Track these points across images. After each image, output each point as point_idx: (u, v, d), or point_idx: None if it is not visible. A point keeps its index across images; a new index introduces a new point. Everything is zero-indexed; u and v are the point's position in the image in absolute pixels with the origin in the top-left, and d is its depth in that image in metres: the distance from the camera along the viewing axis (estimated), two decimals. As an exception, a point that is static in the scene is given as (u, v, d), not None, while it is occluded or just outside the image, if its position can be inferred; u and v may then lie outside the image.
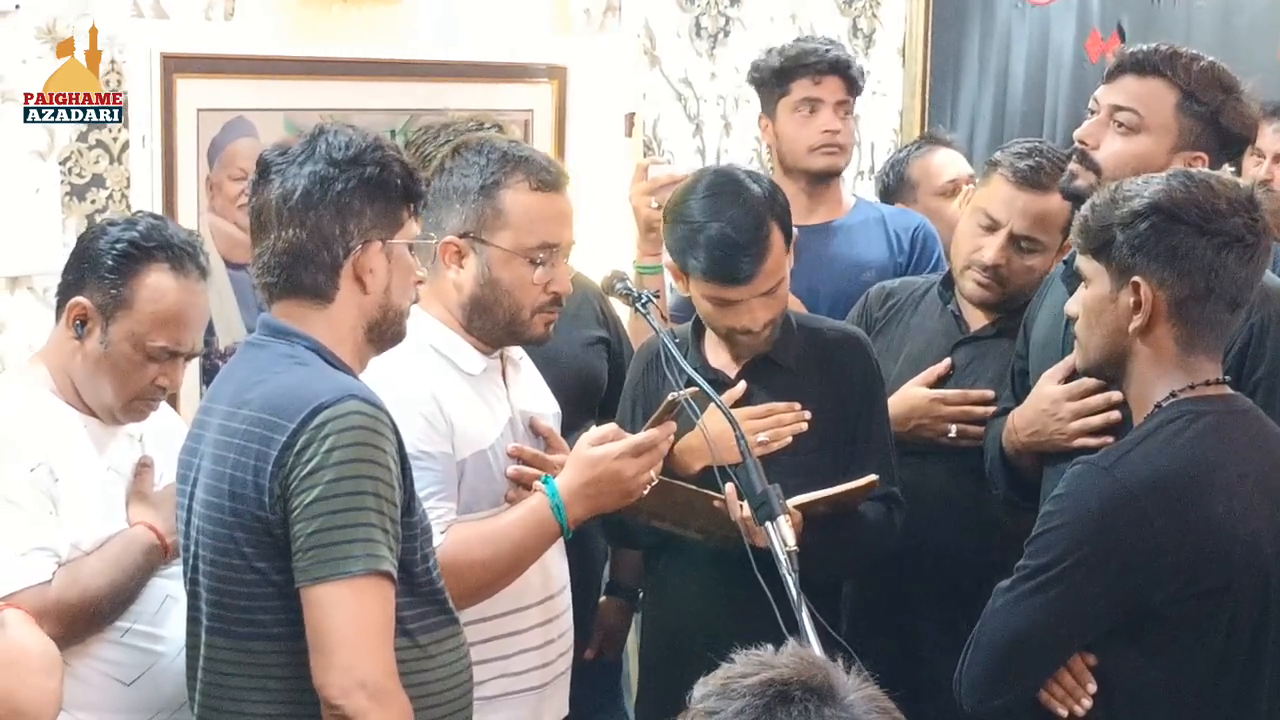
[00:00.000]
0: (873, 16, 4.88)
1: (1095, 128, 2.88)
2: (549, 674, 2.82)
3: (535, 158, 2.76)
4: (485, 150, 2.74)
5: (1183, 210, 2.38)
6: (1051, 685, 2.45)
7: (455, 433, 2.66)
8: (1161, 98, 2.84)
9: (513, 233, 2.70)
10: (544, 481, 2.68)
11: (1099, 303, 2.46)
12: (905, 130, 4.95)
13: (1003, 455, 2.96)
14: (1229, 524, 2.35)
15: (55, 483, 2.54)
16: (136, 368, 2.61)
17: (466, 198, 2.71)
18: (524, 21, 3.95)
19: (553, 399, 2.95)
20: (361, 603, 2.24)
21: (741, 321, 2.90)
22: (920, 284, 3.39)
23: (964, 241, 3.22)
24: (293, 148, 2.41)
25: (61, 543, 2.53)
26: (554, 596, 2.84)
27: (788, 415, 2.93)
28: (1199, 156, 2.82)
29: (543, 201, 2.73)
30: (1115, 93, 2.88)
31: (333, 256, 2.38)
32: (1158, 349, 2.43)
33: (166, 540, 2.62)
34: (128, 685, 2.59)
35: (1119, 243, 2.40)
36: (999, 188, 3.17)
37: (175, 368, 2.64)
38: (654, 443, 2.67)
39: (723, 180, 2.92)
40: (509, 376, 2.83)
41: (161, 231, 2.64)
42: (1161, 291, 2.39)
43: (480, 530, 2.64)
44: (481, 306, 2.73)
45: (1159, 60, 2.85)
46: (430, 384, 2.67)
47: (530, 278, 2.72)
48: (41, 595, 2.48)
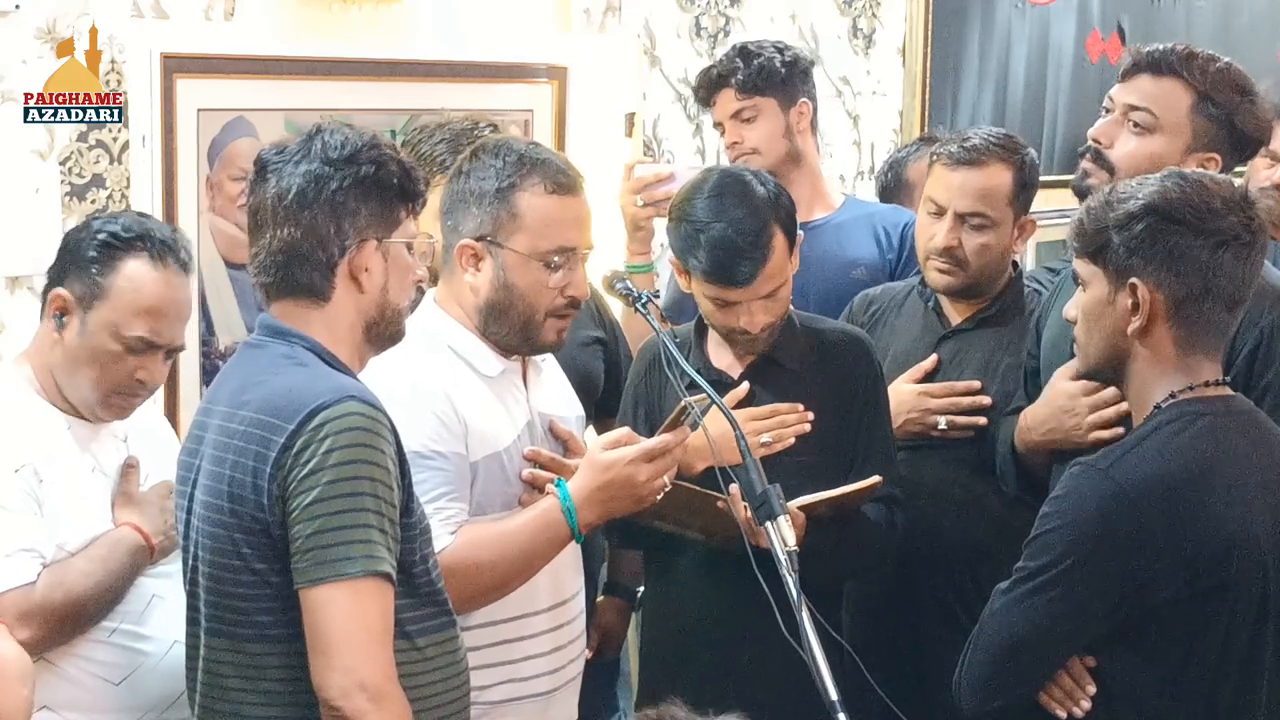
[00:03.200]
0: (873, 16, 4.88)
1: (1110, 127, 2.89)
2: (557, 680, 2.80)
3: (552, 160, 2.74)
4: (502, 153, 2.72)
5: (1178, 210, 2.38)
6: (1050, 687, 2.45)
7: (469, 433, 2.65)
8: (1177, 98, 2.85)
9: (528, 236, 2.69)
10: (557, 485, 2.67)
11: (1097, 306, 2.46)
12: (905, 130, 4.95)
13: (1014, 454, 2.97)
14: (1228, 524, 2.35)
15: (40, 483, 2.53)
16: (114, 359, 2.60)
17: (483, 200, 2.69)
18: (524, 21, 3.95)
19: (576, 402, 2.94)
20: (360, 604, 2.24)
21: (740, 323, 2.90)
22: (900, 288, 3.42)
23: (920, 234, 3.25)
24: (289, 147, 2.41)
25: (46, 544, 2.53)
26: (565, 603, 2.82)
27: (791, 416, 2.93)
28: (1212, 158, 2.83)
29: (559, 205, 2.71)
30: (1131, 92, 2.88)
31: (328, 256, 2.38)
32: (1156, 350, 2.43)
33: (152, 540, 2.62)
34: (116, 685, 2.59)
35: (1115, 245, 2.40)
36: (938, 174, 3.20)
37: (154, 361, 2.63)
38: (667, 448, 2.65)
39: (729, 181, 2.92)
40: (529, 379, 2.82)
41: (143, 225, 2.65)
42: (1159, 293, 2.39)
43: (491, 532, 2.63)
44: (497, 310, 2.71)
45: (1176, 60, 2.86)
46: (445, 384, 2.66)
47: (546, 281, 2.70)
48: (26, 596, 2.48)
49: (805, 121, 3.82)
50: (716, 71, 3.81)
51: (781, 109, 3.77)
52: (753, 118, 3.77)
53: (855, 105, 4.85)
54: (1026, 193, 3.20)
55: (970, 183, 3.16)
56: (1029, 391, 3.02)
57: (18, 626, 2.44)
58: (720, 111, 3.81)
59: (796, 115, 3.79)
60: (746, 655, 2.88)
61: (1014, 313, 3.24)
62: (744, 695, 2.88)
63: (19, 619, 2.46)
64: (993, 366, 3.20)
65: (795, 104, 3.79)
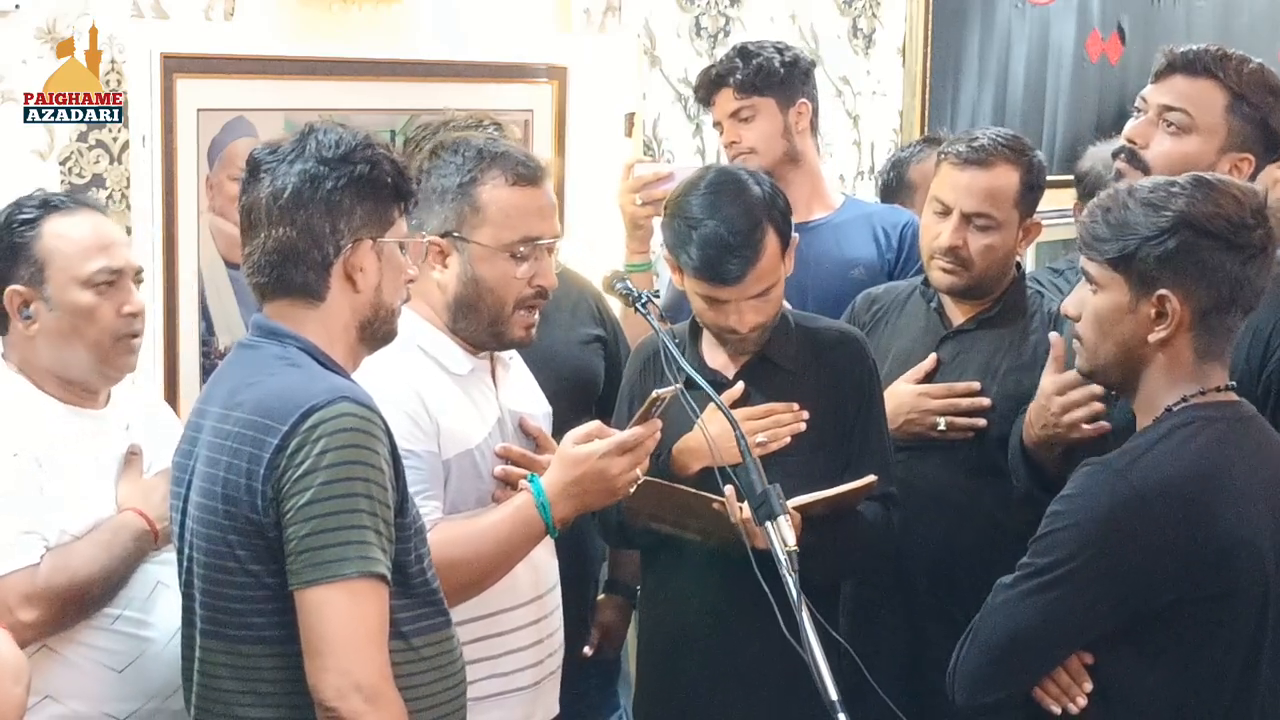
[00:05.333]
0: (873, 16, 4.88)
1: (1144, 127, 2.90)
2: (540, 673, 2.82)
3: (512, 152, 2.76)
4: (461, 149, 2.74)
5: (1212, 224, 2.36)
6: (1046, 683, 2.45)
7: (441, 432, 2.66)
8: (1212, 98, 2.86)
9: (492, 228, 2.70)
10: (530, 480, 2.68)
11: (1114, 312, 2.44)
12: (905, 130, 4.95)
13: (1024, 450, 2.97)
14: (1236, 530, 2.35)
15: (39, 468, 2.55)
16: (93, 310, 2.63)
17: (445, 197, 2.71)
18: (524, 21, 3.95)
19: (544, 399, 2.95)
20: (355, 605, 2.24)
21: (729, 322, 2.91)
22: (904, 287, 3.41)
23: (925, 233, 3.25)
24: (283, 146, 2.41)
25: (50, 527, 2.54)
26: (544, 595, 2.83)
27: (786, 416, 2.93)
28: (1245, 158, 2.85)
29: (521, 196, 2.72)
30: (1165, 93, 2.89)
31: (323, 255, 2.38)
32: (1175, 358, 2.42)
33: (156, 526, 2.63)
34: (120, 673, 2.60)
35: (1143, 256, 2.38)
36: (945, 173, 3.20)
37: (126, 290, 2.67)
38: (639, 440, 2.65)
39: (724, 179, 2.93)
40: (498, 376, 2.83)
41: (42, 195, 2.71)
42: (1188, 305, 2.38)
43: (465, 529, 2.64)
44: (465, 305, 2.73)
45: (1210, 61, 2.87)
46: (415, 383, 2.67)
47: (513, 273, 2.72)
48: (30, 578, 2.50)
49: (804, 122, 3.82)
50: (716, 71, 3.83)
51: (780, 109, 3.78)
52: (750, 117, 3.78)
53: (855, 105, 4.85)
54: (1033, 195, 3.20)
55: (977, 183, 3.16)
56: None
57: (22, 608, 2.46)
58: (719, 111, 3.82)
59: (795, 115, 3.79)
60: (746, 655, 2.88)
61: (1015, 314, 3.24)
62: (743, 695, 2.91)
63: (23, 601, 2.48)
64: (993, 368, 3.20)
65: (794, 104, 3.79)
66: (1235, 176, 2.82)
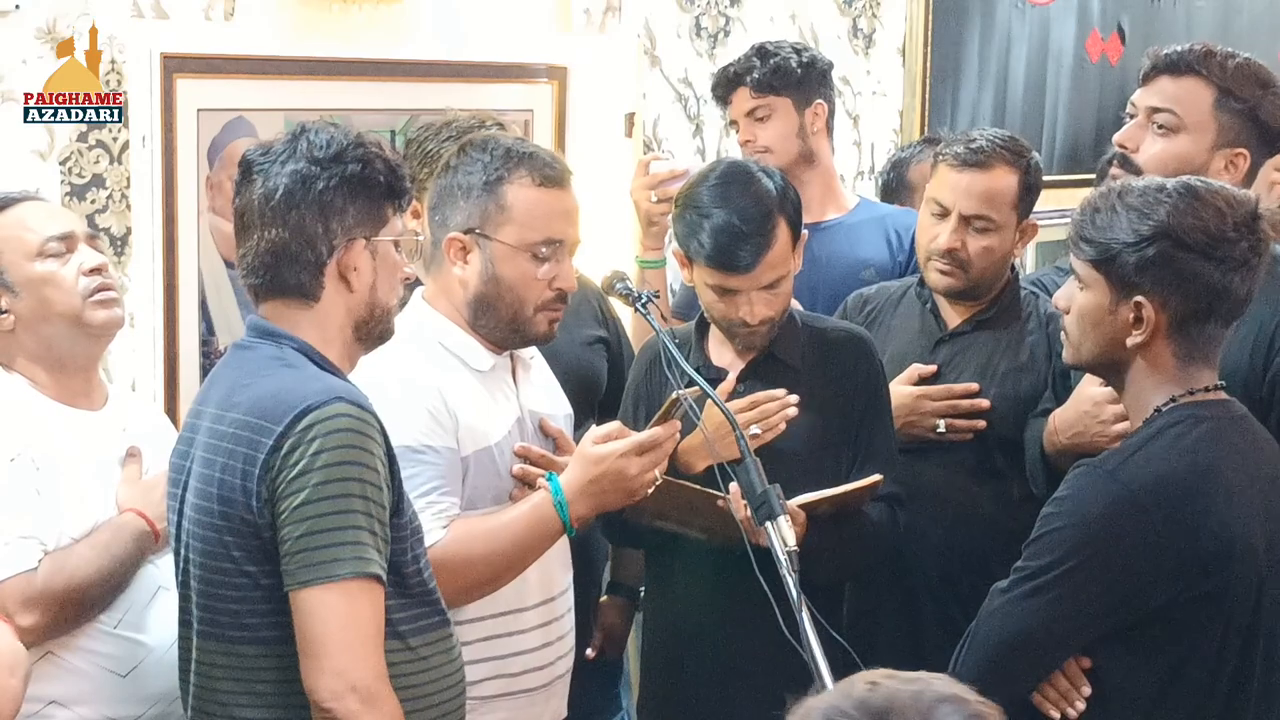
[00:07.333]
0: (873, 16, 4.88)
1: (1134, 131, 2.90)
2: (547, 676, 2.82)
3: (539, 154, 2.76)
4: (489, 147, 2.73)
5: (1191, 236, 2.35)
6: (1045, 688, 2.45)
7: (460, 428, 2.66)
8: (1198, 96, 2.86)
9: (516, 228, 2.70)
10: (548, 479, 2.67)
11: (1096, 311, 2.44)
12: (905, 130, 4.95)
13: (1043, 455, 2.97)
14: (1228, 528, 2.35)
15: (37, 471, 2.54)
16: (52, 277, 2.62)
17: (470, 194, 2.71)
18: (524, 21, 3.95)
19: (565, 400, 2.94)
20: (350, 606, 2.24)
21: (740, 313, 2.90)
22: (896, 287, 3.41)
23: (922, 234, 3.25)
24: (274, 147, 2.41)
25: (48, 531, 2.53)
26: (554, 599, 2.83)
27: (772, 405, 2.92)
28: (1239, 153, 2.84)
29: (546, 197, 2.72)
30: (1152, 95, 2.89)
31: (316, 255, 2.38)
32: (1155, 361, 2.42)
33: (156, 527, 2.62)
34: (123, 677, 2.60)
35: (1123, 260, 2.38)
36: (944, 175, 3.20)
37: (80, 252, 2.66)
38: (657, 441, 2.65)
39: (735, 171, 2.94)
40: (519, 376, 2.83)
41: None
42: (1164, 312, 2.38)
43: (483, 526, 2.64)
44: (485, 303, 2.72)
45: (1194, 59, 2.86)
46: (436, 379, 2.67)
47: (534, 274, 2.71)
48: (28, 583, 2.49)
49: (820, 123, 3.84)
50: (733, 70, 3.85)
51: (796, 109, 3.80)
52: (766, 116, 3.80)
53: (855, 105, 4.85)
54: (1030, 196, 3.20)
55: (976, 185, 3.16)
56: (1058, 393, 3.03)
57: (20, 613, 2.46)
58: (735, 109, 3.84)
59: (811, 116, 3.81)
60: (746, 655, 2.88)
61: (1011, 316, 3.25)
62: (744, 695, 2.90)
63: (21, 605, 2.47)
64: (990, 369, 3.20)
65: (810, 105, 3.81)
66: (1230, 172, 2.82)
